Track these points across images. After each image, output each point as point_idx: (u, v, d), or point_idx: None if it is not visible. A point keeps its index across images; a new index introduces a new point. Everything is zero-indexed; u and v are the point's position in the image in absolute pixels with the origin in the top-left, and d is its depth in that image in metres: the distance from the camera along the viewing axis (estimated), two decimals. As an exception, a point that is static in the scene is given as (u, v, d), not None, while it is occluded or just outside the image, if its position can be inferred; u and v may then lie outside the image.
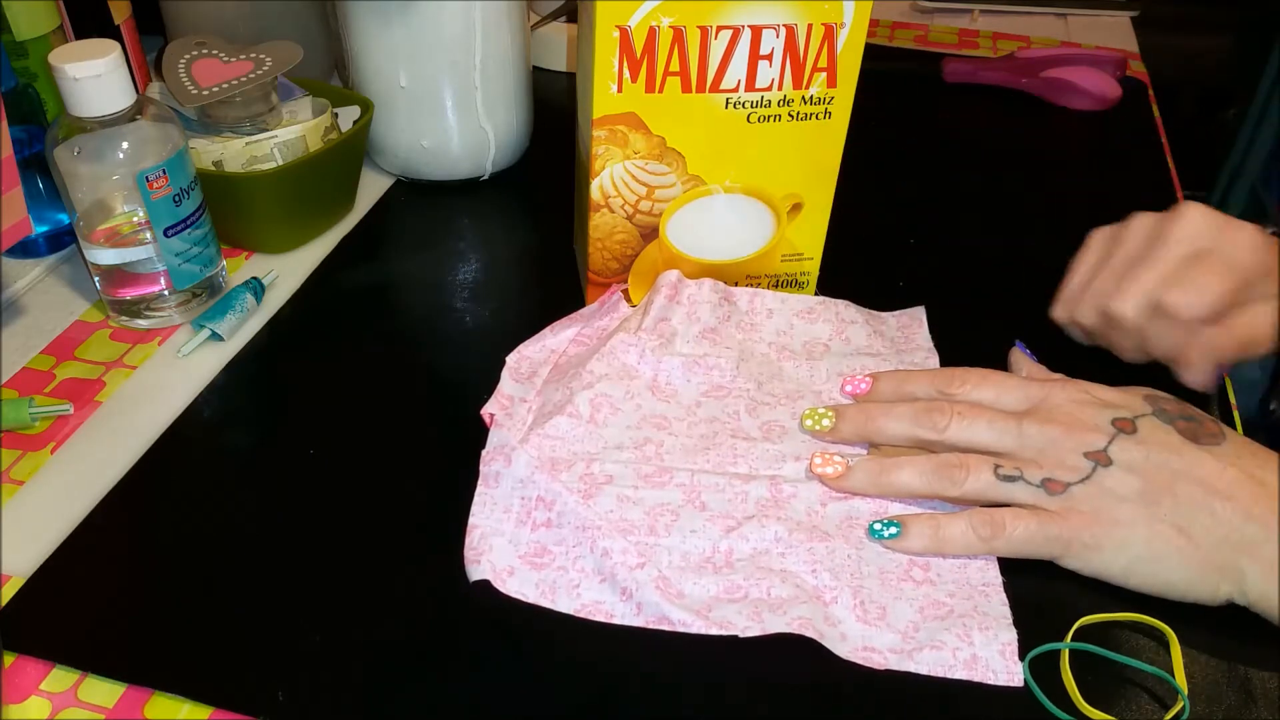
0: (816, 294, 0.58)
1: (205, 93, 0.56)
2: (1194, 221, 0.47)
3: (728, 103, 0.49)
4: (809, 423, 0.47)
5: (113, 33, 0.62)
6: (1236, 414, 0.52)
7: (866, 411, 0.46)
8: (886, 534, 0.43)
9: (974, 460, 0.43)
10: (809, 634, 0.39)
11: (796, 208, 0.54)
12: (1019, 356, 0.51)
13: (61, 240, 0.61)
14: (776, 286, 0.57)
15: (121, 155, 0.49)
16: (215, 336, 0.54)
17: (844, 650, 0.39)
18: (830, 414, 0.47)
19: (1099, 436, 0.42)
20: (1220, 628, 0.40)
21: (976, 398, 0.45)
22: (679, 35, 0.47)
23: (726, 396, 0.50)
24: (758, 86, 0.49)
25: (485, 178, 0.69)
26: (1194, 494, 0.40)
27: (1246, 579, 0.39)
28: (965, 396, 0.46)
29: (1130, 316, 0.48)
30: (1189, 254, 0.47)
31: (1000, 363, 0.51)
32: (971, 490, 0.42)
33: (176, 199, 0.52)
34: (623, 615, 0.40)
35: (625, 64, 0.47)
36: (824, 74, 0.49)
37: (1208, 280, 0.46)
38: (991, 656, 0.39)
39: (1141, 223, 0.49)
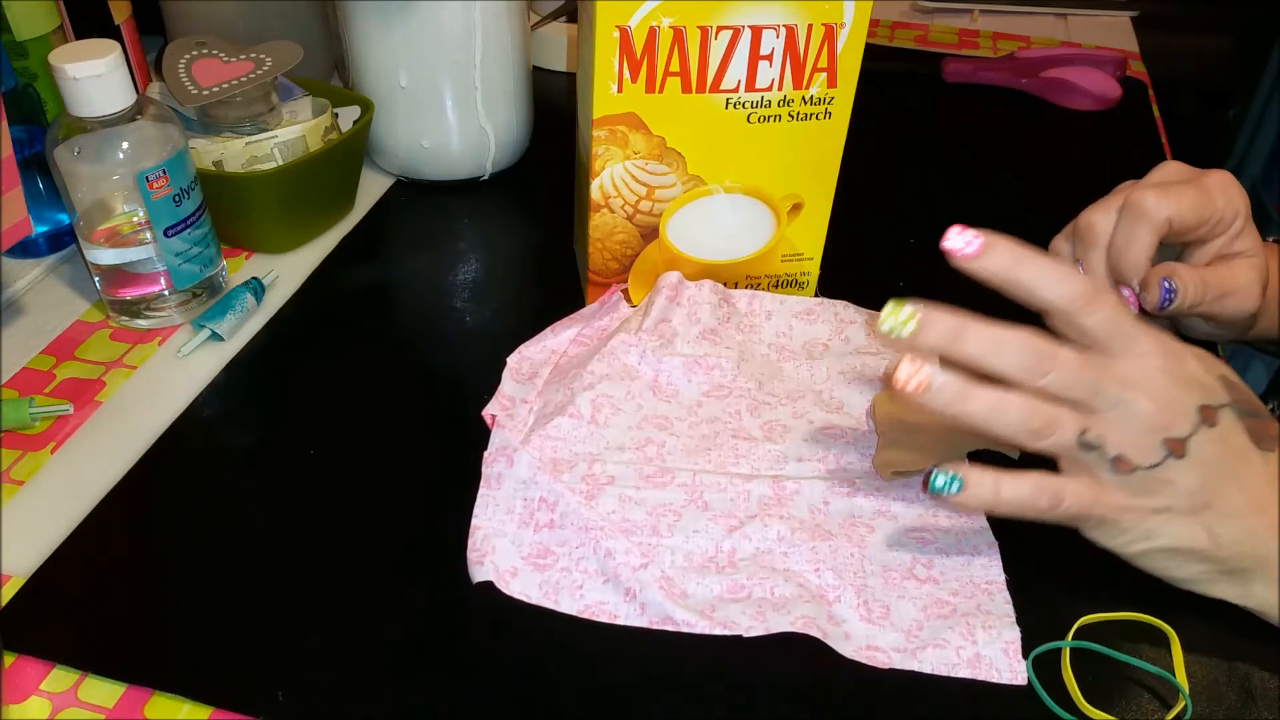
0: (816, 294, 0.58)
1: (205, 93, 0.56)
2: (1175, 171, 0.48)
3: (728, 103, 0.49)
4: (886, 325, 0.39)
5: (113, 33, 0.62)
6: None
7: (957, 328, 0.40)
8: (949, 490, 0.38)
9: (1067, 420, 0.39)
10: (813, 633, 0.39)
11: (796, 208, 0.54)
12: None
13: (61, 240, 0.61)
14: (777, 287, 0.57)
15: (121, 155, 0.49)
16: (215, 336, 0.54)
17: (848, 649, 0.39)
18: (915, 317, 0.39)
19: (1184, 424, 0.39)
20: (1222, 627, 0.40)
21: (1080, 324, 0.39)
22: (679, 35, 0.47)
23: (728, 396, 0.50)
24: (758, 87, 0.49)
25: (485, 178, 0.69)
26: (1238, 505, 0.39)
27: (1254, 586, 0.40)
28: (1086, 322, 0.39)
29: (1099, 221, 0.47)
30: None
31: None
32: (1048, 447, 0.39)
33: (176, 199, 0.51)
34: (626, 616, 0.40)
35: (625, 64, 0.47)
36: (824, 74, 0.49)
37: (1183, 193, 0.45)
38: (995, 655, 0.39)
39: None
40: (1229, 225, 0.47)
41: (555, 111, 0.72)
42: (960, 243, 0.41)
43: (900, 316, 0.40)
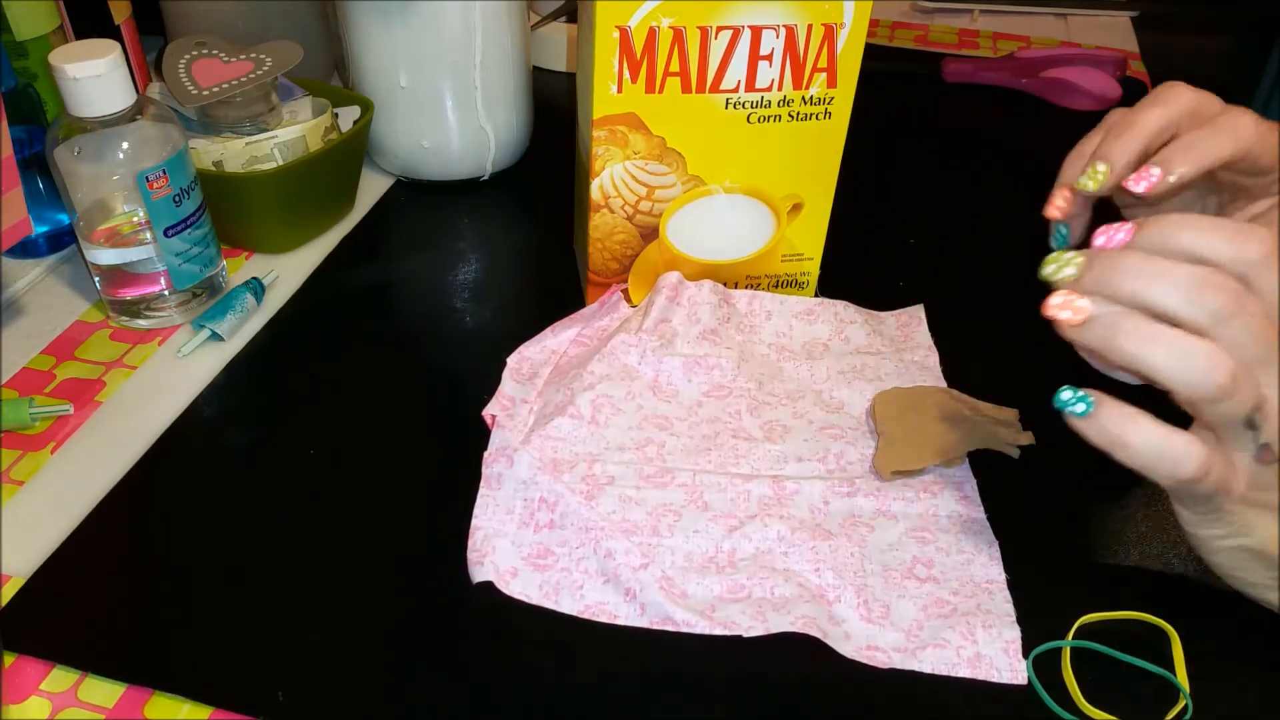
0: (817, 294, 0.58)
1: (205, 93, 0.56)
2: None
3: (728, 103, 0.49)
4: (1050, 268, 0.35)
5: (113, 33, 0.62)
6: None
7: (1128, 264, 0.34)
8: (1075, 408, 0.34)
9: (1247, 380, 0.33)
10: (813, 633, 0.39)
11: (796, 208, 0.54)
12: None
13: (61, 240, 0.61)
14: (777, 287, 0.57)
15: (121, 155, 0.49)
16: (215, 336, 0.54)
17: (848, 649, 0.39)
18: (1078, 260, 0.35)
19: None
20: (1222, 627, 0.40)
21: (1274, 288, 0.33)
22: (679, 36, 0.47)
23: (728, 396, 0.50)
24: (758, 87, 0.49)
25: (485, 178, 0.69)
26: None
27: None
28: (1264, 278, 0.33)
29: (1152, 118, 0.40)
30: None
31: (1000, 362, 0.51)
32: (1219, 412, 0.33)
33: (176, 199, 0.51)
34: (626, 616, 0.40)
35: (625, 64, 0.47)
36: (824, 74, 0.49)
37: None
38: (995, 655, 0.39)
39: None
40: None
41: (555, 111, 0.72)
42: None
43: (1062, 260, 0.35)
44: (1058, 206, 0.43)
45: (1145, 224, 0.35)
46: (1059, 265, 0.35)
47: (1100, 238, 0.36)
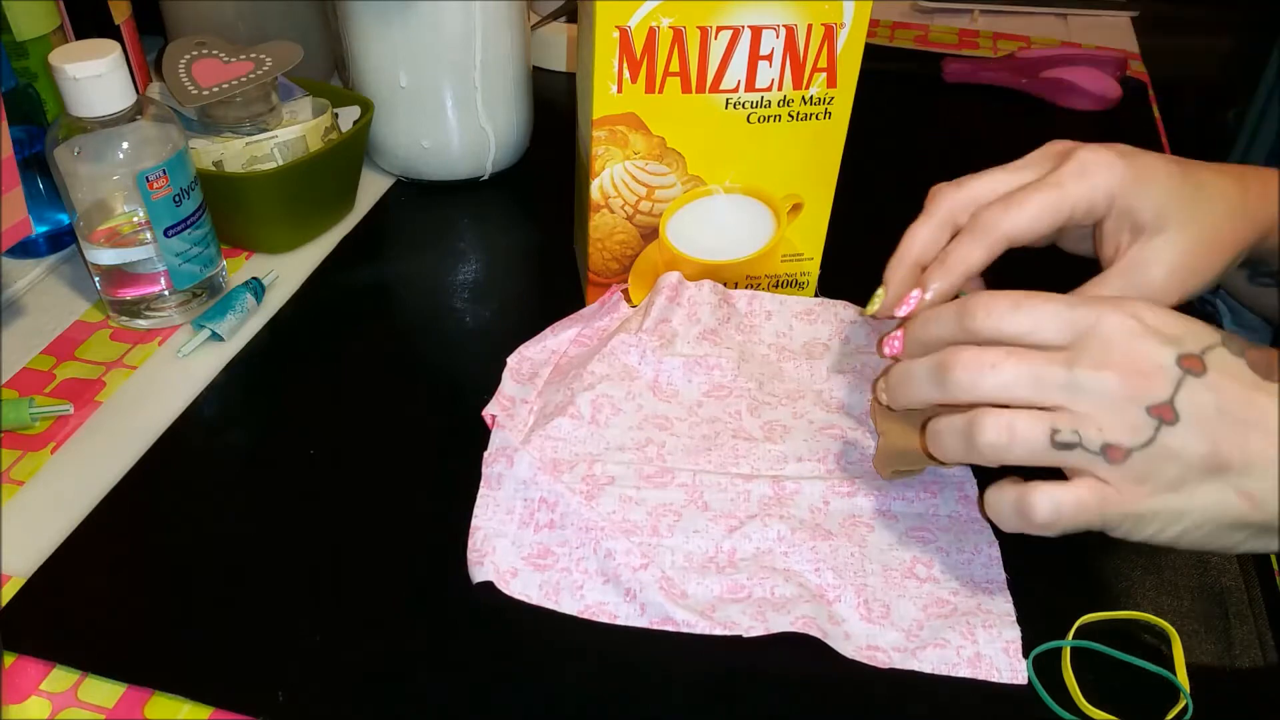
0: (816, 294, 0.58)
1: (205, 93, 0.56)
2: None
3: (728, 103, 0.49)
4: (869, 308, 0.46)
5: (113, 33, 0.62)
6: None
7: (895, 378, 0.41)
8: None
9: (1023, 421, 0.36)
10: (813, 633, 0.39)
11: (796, 208, 0.54)
12: None
13: (61, 240, 0.61)
14: (777, 287, 0.57)
15: (121, 155, 0.49)
16: (215, 336, 0.54)
17: (848, 649, 0.39)
18: (879, 297, 0.46)
19: (1163, 384, 0.35)
20: (1223, 627, 0.40)
21: (1009, 332, 0.37)
22: (679, 36, 0.47)
23: (728, 396, 0.50)
24: (758, 87, 0.49)
25: (485, 178, 0.69)
26: (1265, 451, 0.34)
27: None
28: (994, 330, 0.37)
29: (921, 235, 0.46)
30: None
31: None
32: (1018, 458, 0.36)
33: (176, 199, 0.51)
34: (626, 616, 0.40)
35: (625, 64, 0.47)
36: (824, 74, 0.49)
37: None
38: (995, 654, 0.39)
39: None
40: (1103, 211, 0.42)
41: (555, 111, 0.72)
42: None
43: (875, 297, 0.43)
44: (867, 319, 0.49)
45: (910, 326, 0.41)
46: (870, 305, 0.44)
47: (885, 348, 0.43)
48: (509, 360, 0.51)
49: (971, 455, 0.37)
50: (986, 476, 0.46)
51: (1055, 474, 0.37)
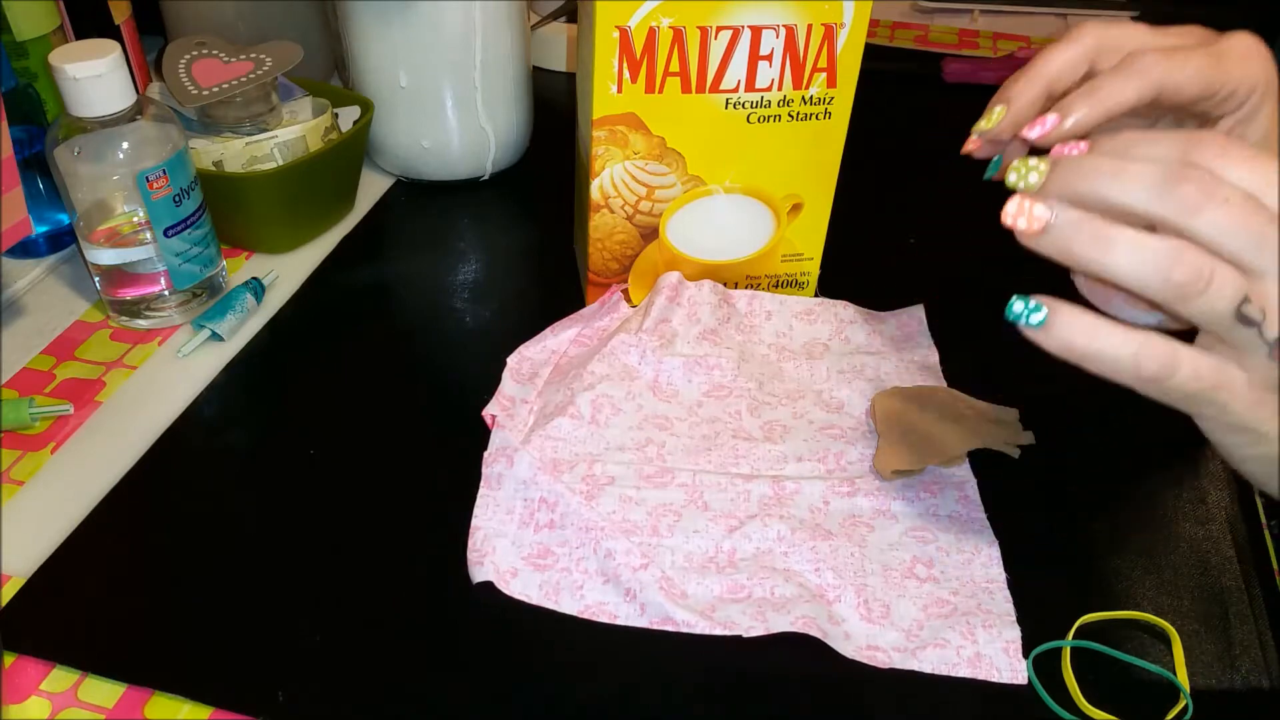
0: (816, 294, 0.58)
1: (205, 93, 0.56)
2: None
3: (728, 103, 0.49)
4: (1014, 177, 0.35)
5: (113, 33, 0.62)
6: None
7: (1091, 165, 0.33)
8: (1028, 319, 0.33)
9: (1224, 274, 0.31)
10: (813, 633, 0.39)
11: (796, 208, 0.54)
12: None
13: (61, 240, 0.61)
14: (777, 287, 0.57)
15: (121, 155, 0.49)
16: (215, 336, 0.54)
17: (848, 649, 0.39)
18: (1041, 167, 0.34)
19: None
20: (1223, 627, 0.40)
21: (1239, 183, 0.31)
22: (679, 36, 0.47)
23: (728, 396, 0.50)
24: (758, 87, 0.49)
25: (485, 178, 0.69)
26: None
27: None
28: (1225, 175, 0.32)
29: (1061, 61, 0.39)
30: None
31: (1002, 361, 0.50)
32: (1197, 313, 0.31)
33: (176, 199, 0.51)
34: (626, 616, 0.40)
35: (625, 64, 0.47)
36: (824, 74, 0.49)
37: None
38: (995, 654, 0.39)
39: None
40: (1241, 101, 0.38)
41: (555, 111, 0.72)
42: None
43: (1025, 167, 0.34)
44: (972, 143, 0.42)
45: (1104, 137, 0.34)
46: (1022, 172, 0.34)
47: (1033, 130, 0.37)
48: (509, 360, 0.51)
49: (1147, 284, 0.31)
50: (989, 480, 0.46)
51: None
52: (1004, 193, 0.35)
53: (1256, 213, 0.31)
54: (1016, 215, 0.33)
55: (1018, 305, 0.33)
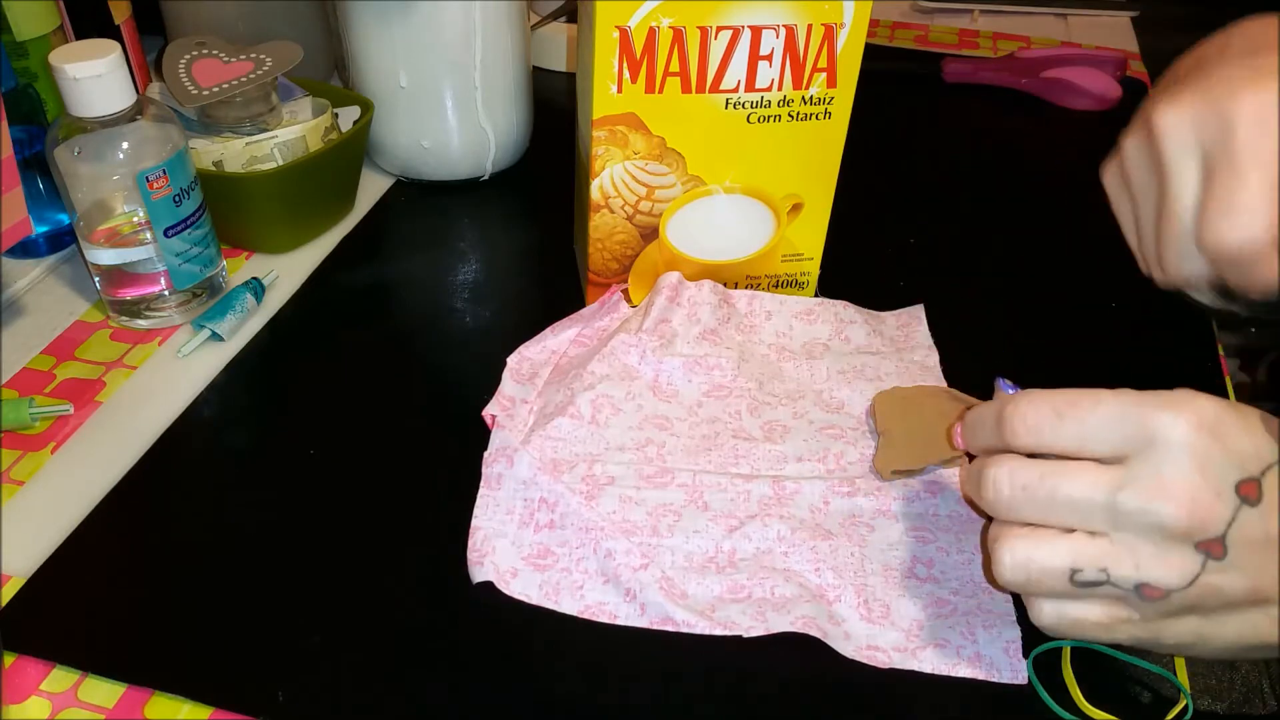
0: (816, 294, 0.58)
1: (205, 93, 0.56)
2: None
3: (728, 103, 0.49)
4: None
5: (113, 33, 0.62)
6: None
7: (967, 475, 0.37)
8: None
9: (1041, 554, 0.33)
10: (813, 633, 0.39)
11: (796, 208, 0.54)
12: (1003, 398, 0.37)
13: (61, 240, 0.61)
14: (777, 287, 0.57)
15: (121, 155, 0.49)
16: (215, 336, 0.54)
17: (848, 649, 0.39)
18: None
19: (1219, 515, 0.31)
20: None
21: (1050, 444, 0.34)
22: (679, 36, 0.47)
23: (728, 396, 0.50)
24: (758, 87, 0.49)
25: (485, 178, 0.69)
26: None
27: None
28: (1038, 447, 0.34)
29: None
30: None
31: (1000, 362, 0.51)
32: (1038, 591, 0.34)
33: (176, 199, 0.51)
34: (626, 616, 0.40)
35: (625, 64, 0.47)
36: (824, 74, 0.49)
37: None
38: (995, 654, 0.39)
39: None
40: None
41: (555, 111, 0.72)
42: None
43: None
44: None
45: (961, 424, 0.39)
46: None
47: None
48: (509, 360, 0.51)
49: (1022, 587, 0.35)
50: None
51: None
52: (1006, 194, 0.36)
53: (1059, 485, 0.33)
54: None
55: None
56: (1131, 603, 0.33)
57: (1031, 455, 0.35)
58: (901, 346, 0.54)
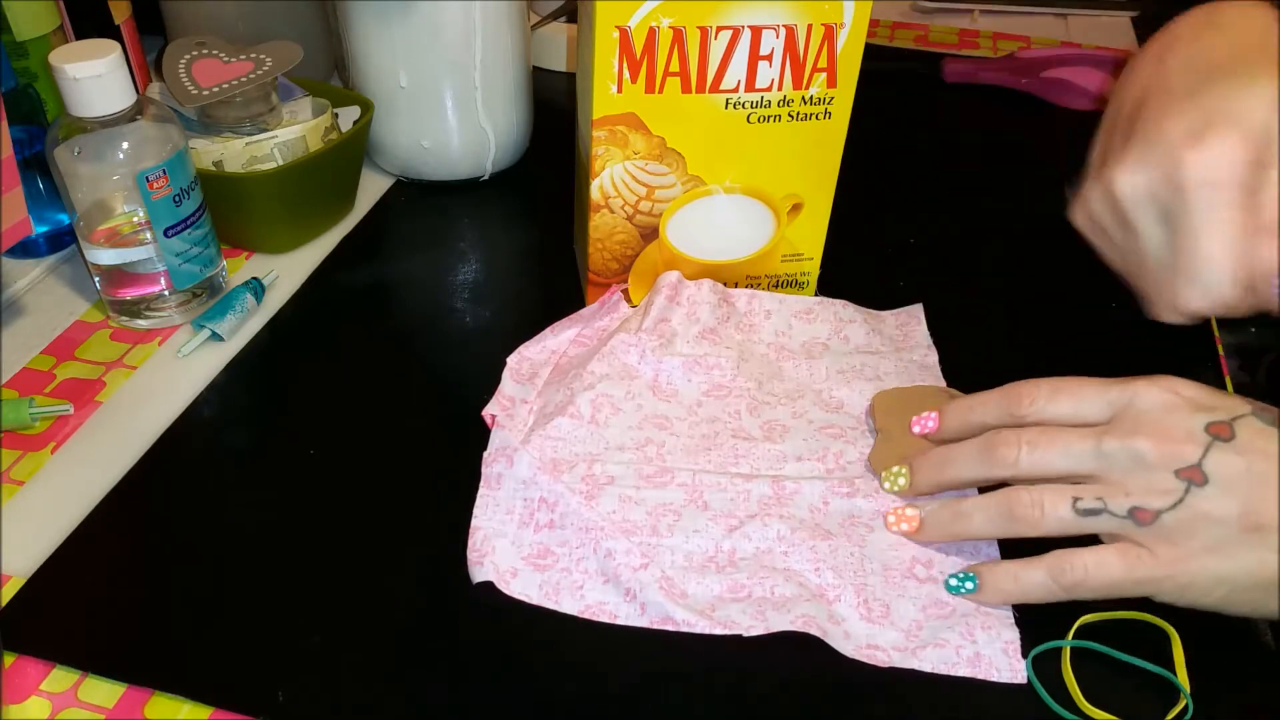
0: (816, 294, 0.58)
1: (205, 93, 0.56)
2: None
3: (728, 103, 0.49)
4: (887, 484, 0.45)
5: (113, 33, 0.62)
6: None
7: (936, 460, 0.43)
8: (963, 589, 0.41)
9: (1049, 496, 0.38)
10: (813, 632, 0.39)
11: (796, 208, 0.54)
12: None
13: (61, 240, 0.61)
14: (776, 287, 0.57)
15: (121, 155, 0.49)
16: (215, 337, 0.54)
17: (848, 649, 0.39)
18: (904, 471, 0.44)
19: (1192, 448, 0.36)
20: (1223, 626, 0.40)
21: (1052, 414, 0.40)
22: (679, 36, 0.47)
23: (727, 396, 0.50)
24: (758, 87, 0.49)
25: (485, 178, 0.69)
26: None
27: None
28: (1038, 415, 0.40)
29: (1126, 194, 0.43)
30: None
31: (1001, 361, 0.51)
32: (1052, 529, 0.38)
33: (176, 199, 0.51)
34: (626, 616, 0.40)
35: (625, 64, 0.47)
36: (824, 74, 0.49)
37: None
38: (995, 654, 0.39)
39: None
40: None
41: (555, 111, 0.72)
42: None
43: (893, 474, 0.45)
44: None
45: (945, 410, 0.44)
46: (891, 480, 0.45)
47: (915, 426, 0.46)
48: (509, 360, 0.51)
49: (1007, 530, 0.40)
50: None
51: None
52: (1006, 194, 0.37)
53: (1056, 436, 0.39)
54: (897, 522, 0.43)
55: (952, 581, 0.41)
56: (1136, 535, 0.37)
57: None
58: (901, 346, 0.54)
